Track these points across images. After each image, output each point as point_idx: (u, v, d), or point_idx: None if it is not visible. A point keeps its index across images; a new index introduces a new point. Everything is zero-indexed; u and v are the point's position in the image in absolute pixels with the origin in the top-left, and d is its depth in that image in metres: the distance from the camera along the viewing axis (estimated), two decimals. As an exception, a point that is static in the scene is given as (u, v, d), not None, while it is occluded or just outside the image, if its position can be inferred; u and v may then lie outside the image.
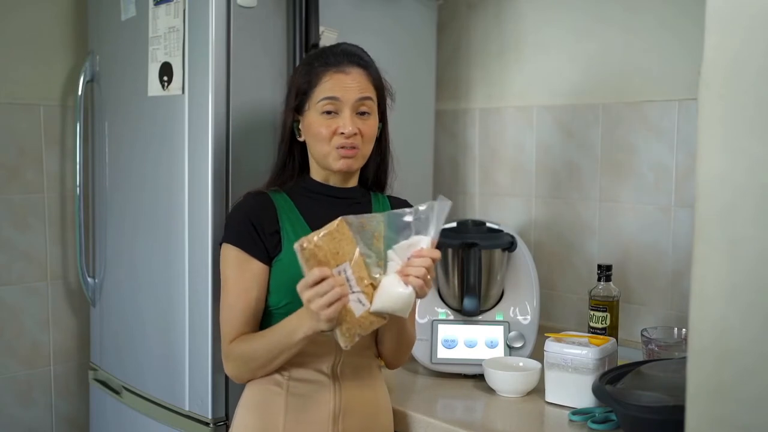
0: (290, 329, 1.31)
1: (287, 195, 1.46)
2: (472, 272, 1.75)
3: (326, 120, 1.41)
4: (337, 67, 1.42)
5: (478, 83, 2.39)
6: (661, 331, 1.74)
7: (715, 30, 0.89)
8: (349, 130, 1.39)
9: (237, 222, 1.42)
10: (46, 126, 2.25)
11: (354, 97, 1.41)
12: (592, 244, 2.13)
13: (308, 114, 1.44)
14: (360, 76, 1.43)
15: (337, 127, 1.40)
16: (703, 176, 0.91)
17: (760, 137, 0.86)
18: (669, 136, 1.96)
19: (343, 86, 1.41)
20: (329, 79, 1.41)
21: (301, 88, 1.44)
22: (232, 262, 1.40)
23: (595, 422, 1.43)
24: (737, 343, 0.89)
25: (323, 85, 1.42)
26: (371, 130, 1.45)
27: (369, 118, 1.44)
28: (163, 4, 1.76)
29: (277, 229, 1.41)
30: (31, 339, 2.24)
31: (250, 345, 1.38)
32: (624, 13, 2.04)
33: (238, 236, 1.40)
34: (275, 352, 1.35)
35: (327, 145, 1.42)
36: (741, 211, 0.88)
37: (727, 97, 0.89)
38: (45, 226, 2.26)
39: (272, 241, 1.40)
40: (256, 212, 1.41)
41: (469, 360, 1.73)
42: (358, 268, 1.27)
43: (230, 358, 1.41)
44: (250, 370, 1.40)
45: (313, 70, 1.44)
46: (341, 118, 1.41)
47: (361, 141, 1.43)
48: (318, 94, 1.42)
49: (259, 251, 1.39)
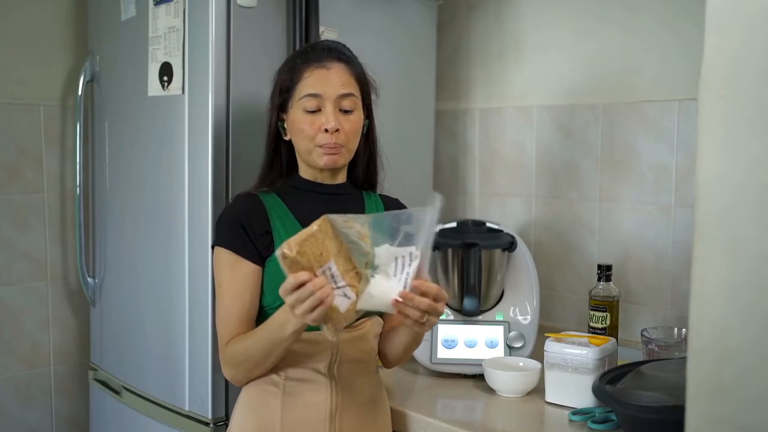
0: (279, 323, 1.30)
1: (277, 195, 1.46)
2: (472, 272, 1.75)
3: (309, 117, 1.41)
4: (318, 63, 1.42)
5: (478, 83, 2.39)
6: (661, 331, 1.74)
7: (715, 30, 0.89)
8: (332, 125, 1.39)
9: (227, 224, 1.42)
10: (46, 126, 2.25)
11: (336, 93, 1.41)
12: (592, 244, 2.13)
13: (292, 111, 1.44)
14: (342, 71, 1.43)
15: (320, 124, 1.40)
16: (703, 176, 0.91)
17: (760, 137, 0.86)
18: (669, 136, 1.96)
19: (324, 81, 1.41)
20: (310, 74, 1.42)
21: (284, 86, 1.45)
22: (225, 265, 1.40)
23: (595, 422, 1.43)
24: (737, 343, 0.89)
25: (305, 81, 1.42)
26: (354, 126, 1.45)
27: (352, 114, 1.44)
28: (163, 4, 1.76)
29: (268, 230, 1.41)
30: (31, 339, 2.24)
31: (244, 344, 1.37)
32: (624, 13, 2.04)
33: (229, 238, 1.40)
34: (268, 348, 1.34)
35: (311, 142, 1.42)
36: (741, 211, 0.88)
37: (727, 97, 0.89)
38: (45, 226, 2.26)
39: (264, 242, 1.40)
40: (246, 214, 1.42)
41: (469, 360, 1.73)
42: (343, 260, 1.23)
43: (227, 361, 1.41)
44: (247, 370, 1.39)
45: (295, 67, 1.44)
46: (324, 114, 1.41)
47: (345, 138, 1.43)
48: (300, 90, 1.42)
49: (250, 252, 1.39)
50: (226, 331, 1.39)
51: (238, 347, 1.38)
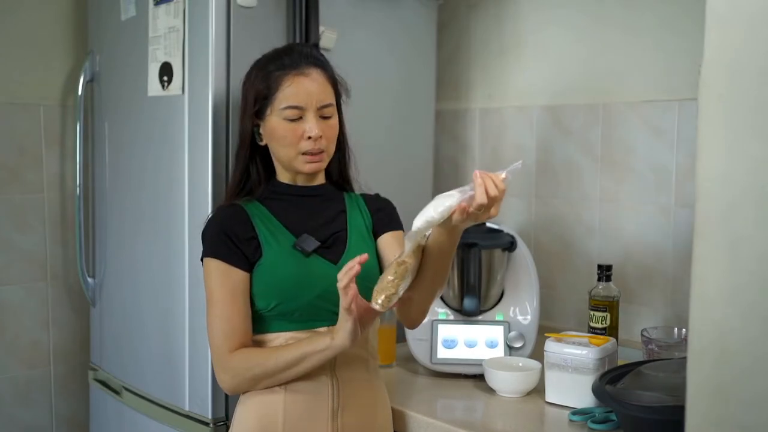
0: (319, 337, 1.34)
1: (258, 202, 1.47)
2: (472, 272, 1.75)
3: (291, 125, 1.42)
4: (296, 70, 1.42)
5: (478, 83, 2.39)
6: (661, 331, 1.74)
7: (715, 30, 0.89)
8: (315, 133, 1.41)
9: (212, 235, 1.43)
10: (46, 126, 2.25)
11: (317, 103, 1.42)
12: (592, 244, 2.12)
13: (270, 119, 1.43)
14: (320, 77, 1.43)
15: (302, 132, 1.41)
16: (703, 176, 0.91)
17: (760, 137, 0.86)
18: (669, 136, 1.96)
19: (305, 91, 1.41)
20: (290, 83, 1.41)
21: (261, 93, 1.43)
22: (215, 274, 1.40)
23: (595, 422, 1.43)
24: (737, 343, 0.89)
25: (285, 91, 1.41)
26: (334, 132, 1.46)
27: (332, 119, 1.45)
28: (163, 4, 1.76)
29: (253, 235, 1.41)
30: (31, 339, 2.24)
31: (261, 356, 1.38)
32: (624, 13, 2.04)
33: (216, 248, 1.41)
34: (297, 357, 1.35)
35: (293, 149, 1.43)
36: (741, 211, 0.88)
37: (727, 97, 0.89)
38: (45, 226, 2.26)
39: (250, 247, 1.41)
40: (229, 222, 1.42)
41: (469, 360, 1.73)
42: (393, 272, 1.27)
43: (229, 369, 1.39)
44: (253, 380, 1.38)
45: (270, 75, 1.43)
46: (306, 122, 1.41)
47: (327, 143, 1.44)
48: (281, 99, 1.41)
49: (238, 260, 1.40)
50: (224, 340, 1.38)
51: (251, 358, 1.38)
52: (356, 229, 1.48)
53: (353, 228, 1.48)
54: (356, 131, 1.59)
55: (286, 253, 1.41)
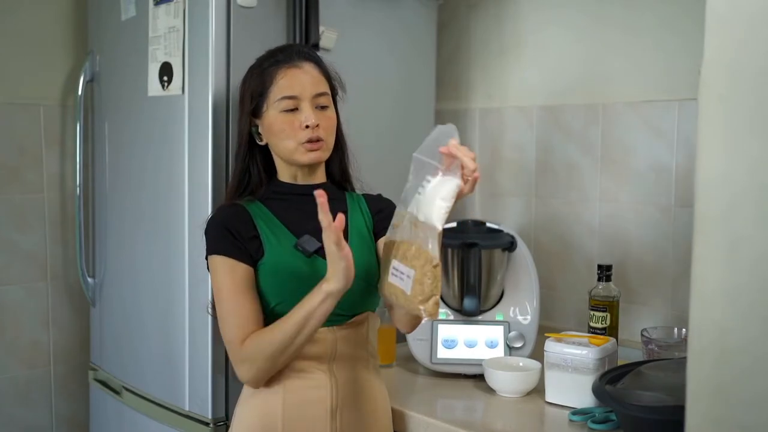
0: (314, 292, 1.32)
1: (260, 202, 1.47)
2: (472, 272, 1.75)
3: (288, 116, 1.42)
4: (289, 63, 1.43)
5: (478, 83, 2.39)
6: (661, 331, 1.74)
7: (715, 30, 0.89)
8: (312, 121, 1.41)
9: (215, 232, 1.43)
10: (46, 126, 2.25)
11: (312, 93, 1.43)
12: (592, 244, 2.12)
13: (267, 115, 1.44)
14: (313, 70, 1.45)
15: (300, 122, 1.42)
16: (703, 176, 0.91)
17: (760, 137, 0.86)
18: (669, 136, 1.96)
19: (299, 82, 1.42)
20: (283, 76, 1.42)
21: (256, 91, 1.45)
22: (221, 271, 1.40)
23: (595, 422, 1.43)
24: (737, 343, 0.89)
25: (279, 84, 1.42)
26: (331, 122, 1.47)
27: (328, 110, 1.46)
28: (163, 4, 1.76)
29: (255, 234, 1.41)
30: (31, 339, 2.24)
31: (268, 334, 1.35)
32: (624, 13, 2.04)
33: (220, 244, 1.41)
34: (301, 323, 1.32)
35: (293, 141, 1.43)
36: (741, 211, 0.88)
37: (727, 97, 0.89)
38: (45, 226, 2.26)
39: (253, 246, 1.41)
40: (231, 220, 1.42)
41: (469, 360, 1.73)
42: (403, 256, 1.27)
43: (246, 359, 1.37)
44: (271, 359, 1.35)
45: (265, 72, 1.44)
46: (302, 112, 1.42)
47: (325, 133, 1.45)
48: (275, 93, 1.42)
49: (243, 255, 1.40)
50: (238, 332, 1.37)
51: (261, 339, 1.35)
52: (356, 230, 1.48)
53: (353, 228, 1.48)
54: (356, 131, 1.59)
55: (287, 254, 1.41)
